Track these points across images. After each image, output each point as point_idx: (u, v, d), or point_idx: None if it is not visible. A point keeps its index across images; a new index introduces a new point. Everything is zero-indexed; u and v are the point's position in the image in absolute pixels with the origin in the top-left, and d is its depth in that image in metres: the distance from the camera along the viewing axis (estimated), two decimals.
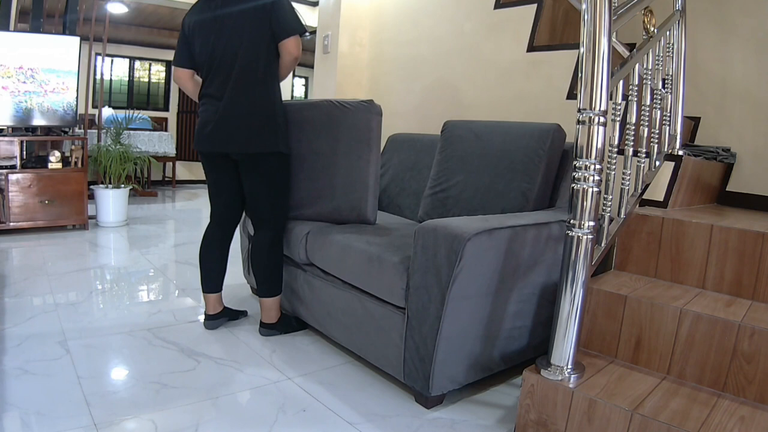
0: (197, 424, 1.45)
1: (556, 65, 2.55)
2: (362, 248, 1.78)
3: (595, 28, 1.26)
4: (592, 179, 1.29)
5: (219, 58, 1.90)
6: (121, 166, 4.15)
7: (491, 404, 1.68)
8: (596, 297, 1.58)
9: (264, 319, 2.10)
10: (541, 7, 2.67)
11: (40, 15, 4.02)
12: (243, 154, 1.93)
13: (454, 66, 3.11)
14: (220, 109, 1.90)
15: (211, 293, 2.12)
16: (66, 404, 1.50)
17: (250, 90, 1.89)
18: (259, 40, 1.88)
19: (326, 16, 3.77)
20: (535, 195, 1.95)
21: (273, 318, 2.09)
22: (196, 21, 1.96)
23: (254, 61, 1.88)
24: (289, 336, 2.12)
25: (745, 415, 1.24)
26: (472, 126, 2.24)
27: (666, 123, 1.96)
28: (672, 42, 1.97)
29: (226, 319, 2.19)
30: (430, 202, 2.25)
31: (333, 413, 1.57)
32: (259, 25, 1.87)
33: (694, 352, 1.40)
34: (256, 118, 1.90)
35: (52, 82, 3.70)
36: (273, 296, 2.07)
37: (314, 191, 2.10)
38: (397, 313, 1.64)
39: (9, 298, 2.34)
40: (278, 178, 2.00)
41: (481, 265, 1.51)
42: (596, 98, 1.27)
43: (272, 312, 2.09)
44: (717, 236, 1.59)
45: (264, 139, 1.90)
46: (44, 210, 3.67)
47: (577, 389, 1.32)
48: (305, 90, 8.87)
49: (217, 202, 2.11)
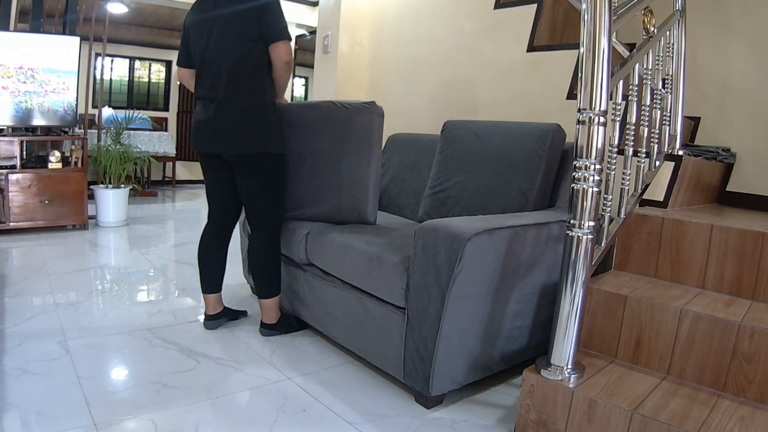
0: (197, 424, 1.45)
1: (556, 65, 2.55)
2: (362, 248, 1.78)
3: (595, 28, 1.26)
4: (592, 179, 1.29)
5: (210, 60, 1.92)
6: (121, 166, 4.15)
7: (491, 404, 1.68)
8: (596, 297, 1.58)
9: (264, 320, 2.10)
10: (541, 7, 2.67)
11: (40, 15, 4.02)
12: (234, 155, 1.94)
13: (454, 66, 3.11)
14: (211, 110, 1.92)
15: (211, 294, 2.12)
16: (66, 404, 1.50)
17: (240, 91, 1.89)
18: (248, 42, 1.87)
19: (326, 16, 3.77)
20: (535, 195, 1.95)
21: (273, 318, 2.09)
22: (192, 22, 1.98)
23: (244, 63, 1.88)
24: (289, 336, 2.12)
25: (745, 415, 1.24)
26: (472, 126, 2.24)
27: (666, 123, 1.96)
28: (672, 42, 1.97)
29: (226, 320, 2.19)
30: (430, 202, 2.25)
31: (333, 413, 1.57)
32: (248, 27, 1.87)
33: (694, 352, 1.40)
34: (246, 119, 1.90)
35: (53, 82, 3.70)
36: (272, 297, 2.07)
37: (315, 191, 2.10)
38: (397, 313, 1.64)
39: (9, 298, 2.34)
40: (272, 178, 1.99)
41: (481, 265, 1.51)
42: (596, 98, 1.27)
43: (272, 312, 2.08)
44: (717, 236, 1.59)
45: (254, 140, 1.91)
46: (44, 210, 3.67)
47: (577, 389, 1.32)
48: (305, 90, 8.86)
49: (214, 202, 2.11)
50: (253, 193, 1.98)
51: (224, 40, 1.89)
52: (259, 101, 1.91)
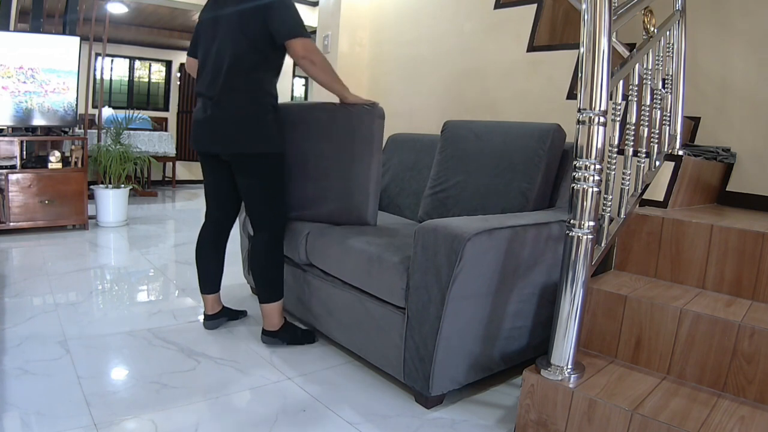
0: (197, 424, 1.45)
1: (556, 65, 2.55)
2: (362, 248, 1.78)
3: (595, 28, 1.26)
4: (592, 179, 1.29)
5: (212, 58, 1.91)
6: (121, 166, 4.15)
7: (491, 404, 1.68)
8: (596, 297, 1.58)
9: (266, 326, 2.00)
10: (541, 7, 2.67)
11: (40, 15, 4.02)
12: (231, 154, 1.92)
13: (454, 66, 3.11)
14: (209, 109, 1.90)
15: (209, 294, 2.11)
16: (66, 404, 1.50)
17: (235, 91, 1.87)
18: (248, 41, 1.85)
19: (326, 16, 3.77)
20: (535, 195, 1.95)
21: (275, 325, 2.00)
22: (203, 18, 1.99)
23: (241, 62, 1.86)
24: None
25: (745, 415, 1.24)
26: (472, 126, 2.24)
27: (666, 123, 1.96)
28: (672, 42, 1.97)
29: (225, 319, 2.18)
30: (430, 202, 2.25)
31: (333, 413, 1.57)
32: (251, 27, 1.84)
33: (694, 352, 1.40)
34: (242, 119, 1.87)
35: (53, 82, 3.70)
36: (273, 302, 1.97)
37: (316, 193, 2.09)
38: (397, 313, 1.64)
39: (9, 298, 2.34)
40: (271, 179, 1.95)
41: (481, 265, 1.51)
42: (596, 98, 1.27)
43: (274, 319, 1.99)
44: (717, 236, 1.59)
45: (250, 140, 1.87)
46: (44, 210, 3.67)
47: (577, 389, 1.32)
48: (305, 90, 8.86)
49: (212, 202, 2.10)
50: (253, 193, 1.96)
51: (226, 39, 1.88)
52: (255, 101, 1.88)
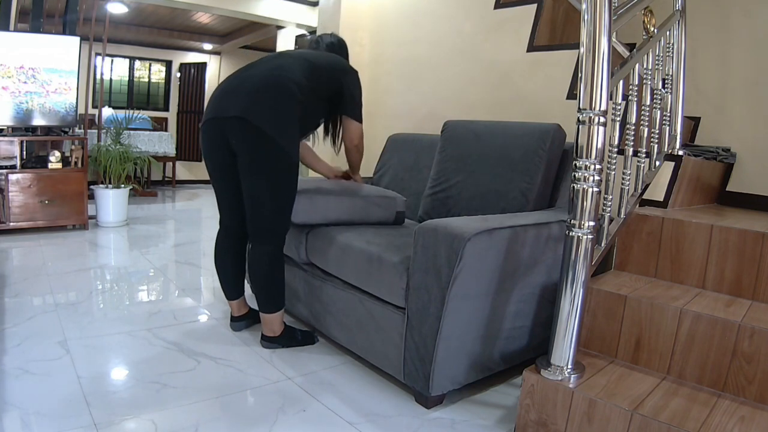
0: (197, 424, 1.45)
1: (556, 65, 2.55)
2: (362, 248, 1.78)
3: (595, 28, 1.26)
4: (592, 179, 1.29)
5: (271, 63, 1.90)
6: (121, 166, 4.15)
7: (491, 404, 1.68)
8: (596, 297, 1.58)
9: (265, 333, 1.97)
10: (541, 7, 2.67)
11: (40, 15, 4.02)
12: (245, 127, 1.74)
13: (454, 66, 3.11)
14: (246, 81, 1.81)
15: (233, 300, 2.08)
16: (66, 404, 1.50)
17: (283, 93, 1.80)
18: (310, 80, 1.85)
19: (326, 16, 3.77)
20: (535, 195, 1.95)
21: (276, 332, 1.96)
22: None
23: (300, 81, 1.82)
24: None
25: (745, 415, 1.24)
26: (472, 126, 2.24)
27: (666, 123, 1.96)
28: (672, 42, 1.97)
29: (251, 321, 2.13)
30: (430, 202, 2.25)
31: (333, 413, 1.57)
32: (320, 73, 1.90)
33: (694, 352, 1.40)
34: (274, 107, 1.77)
35: (55, 82, 3.70)
36: (274, 312, 1.93)
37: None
38: (397, 313, 1.64)
39: (9, 298, 2.34)
40: (281, 178, 1.81)
41: (481, 265, 1.51)
42: (596, 98, 1.27)
43: (274, 326, 1.95)
44: (717, 236, 1.59)
45: (272, 123, 1.74)
46: (44, 210, 3.67)
47: (577, 389, 1.32)
48: None
49: (222, 210, 2.02)
50: (259, 193, 1.81)
51: (290, 60, 1.90)
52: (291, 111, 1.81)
